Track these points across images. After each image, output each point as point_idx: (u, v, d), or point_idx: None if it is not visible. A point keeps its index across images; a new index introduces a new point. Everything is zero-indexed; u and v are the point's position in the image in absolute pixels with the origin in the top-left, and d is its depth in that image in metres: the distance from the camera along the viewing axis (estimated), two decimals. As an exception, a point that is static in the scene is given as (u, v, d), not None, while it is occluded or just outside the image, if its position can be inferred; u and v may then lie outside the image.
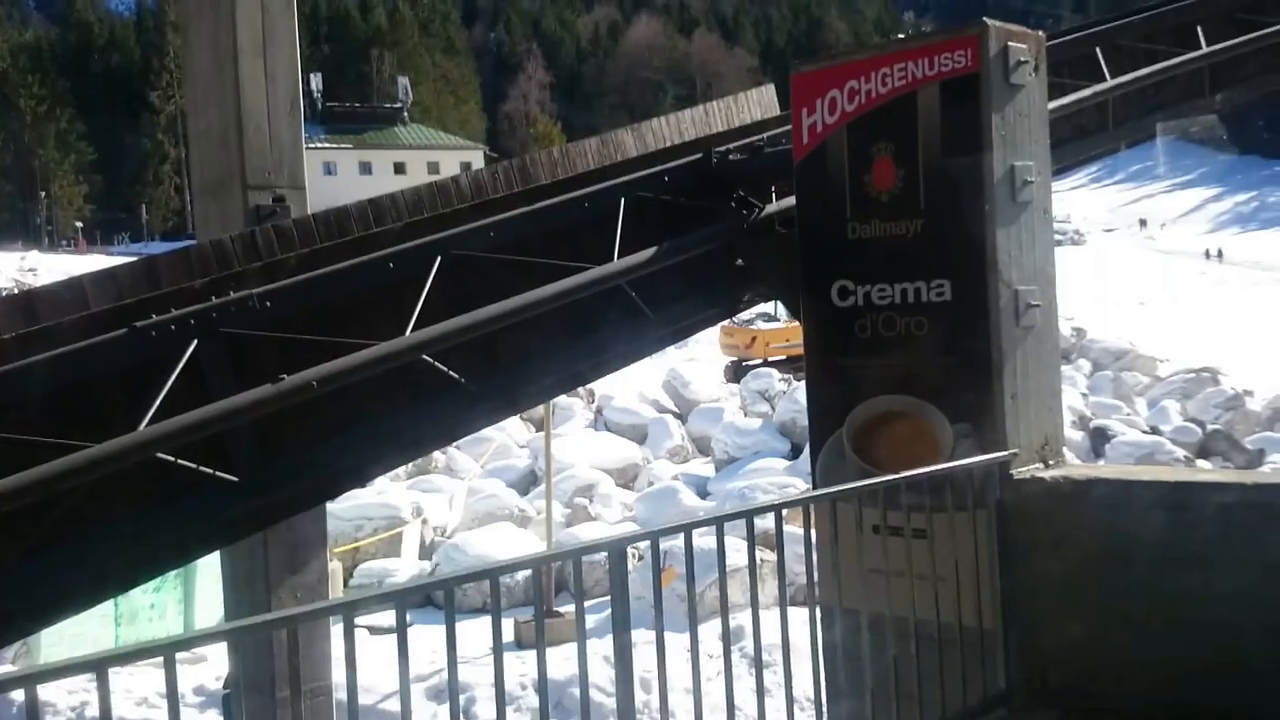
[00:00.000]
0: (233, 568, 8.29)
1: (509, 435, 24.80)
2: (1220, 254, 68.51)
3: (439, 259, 5.67)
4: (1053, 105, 6.80)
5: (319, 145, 63.24)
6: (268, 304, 5.32)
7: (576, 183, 6.68)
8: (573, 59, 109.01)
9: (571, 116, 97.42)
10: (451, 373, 5.74)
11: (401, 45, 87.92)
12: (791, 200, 6.48)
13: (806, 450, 8.77)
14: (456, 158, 69.45)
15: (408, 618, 3.18)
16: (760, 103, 8.60)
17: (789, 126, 6.35)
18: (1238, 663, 4.52)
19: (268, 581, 7.80)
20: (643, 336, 6.74)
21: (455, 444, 22.82)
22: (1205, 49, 8.77)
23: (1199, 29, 8.97)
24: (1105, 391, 28.67)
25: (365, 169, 66.08)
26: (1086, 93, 8.04)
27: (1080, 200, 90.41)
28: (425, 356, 5.48)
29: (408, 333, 5.34)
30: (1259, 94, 9.97)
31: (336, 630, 7.68)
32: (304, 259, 5.59)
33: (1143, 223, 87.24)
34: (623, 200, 6.53)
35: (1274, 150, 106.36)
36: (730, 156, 7.15)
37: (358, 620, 2.92)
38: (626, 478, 23.52)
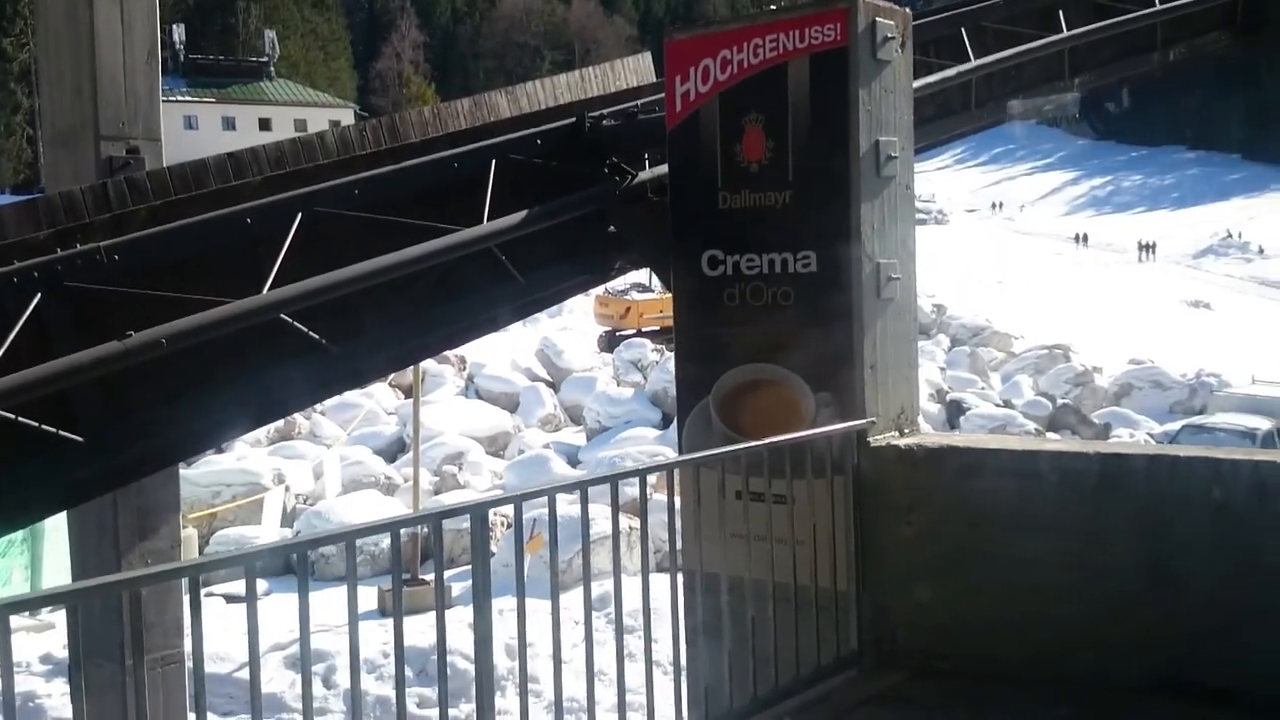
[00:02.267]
0: (80, 532, 7.97)
1: (376, 401, 24.42)
2: (1085, 238, 71.26)
3: (300, 216, 5.50)
4: (918, 83, 6.96)
5: (180, 99, 60.75)
6: (116, 257, 5.08)
7: (447, 142, 6.57)
8: (448, 19, 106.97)
9: (446, 78, 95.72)
10: (312, 334, 5.59)
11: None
12: (664, 168, 6.50)
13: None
14: (325, 115, 67.51)
15: (266, 585, 3.09)
16: (636, 70, 8.58)
17: (663, 94, 6.35)
18: (1062, 624, 4.74)
19: (117, 547, 7.52)
20: (512, 301, 6.68)
21: (320, 409, 22.36)
22: (1065, 33, 9.09)
23: (1060, 13, 9.29)
24: (962, 366, 29.72)
25: (229, 124, 63.68)
26: (950, 72, 8.25)
27: (945, 181, 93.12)
28: (284, 316, 5.32)
29: (265, 291, 5.17)
30: (1116, 79, 10.38)
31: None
32: (156, 211, 5.36)
33: (995, 205, 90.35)
34: (494, 162, 6.44)
35: (1129, 135, 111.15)
36: (604, 122, 7.11)
37: (215, 588, 2.83)
38: (497, 446, 23.41)
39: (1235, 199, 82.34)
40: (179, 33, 67.56)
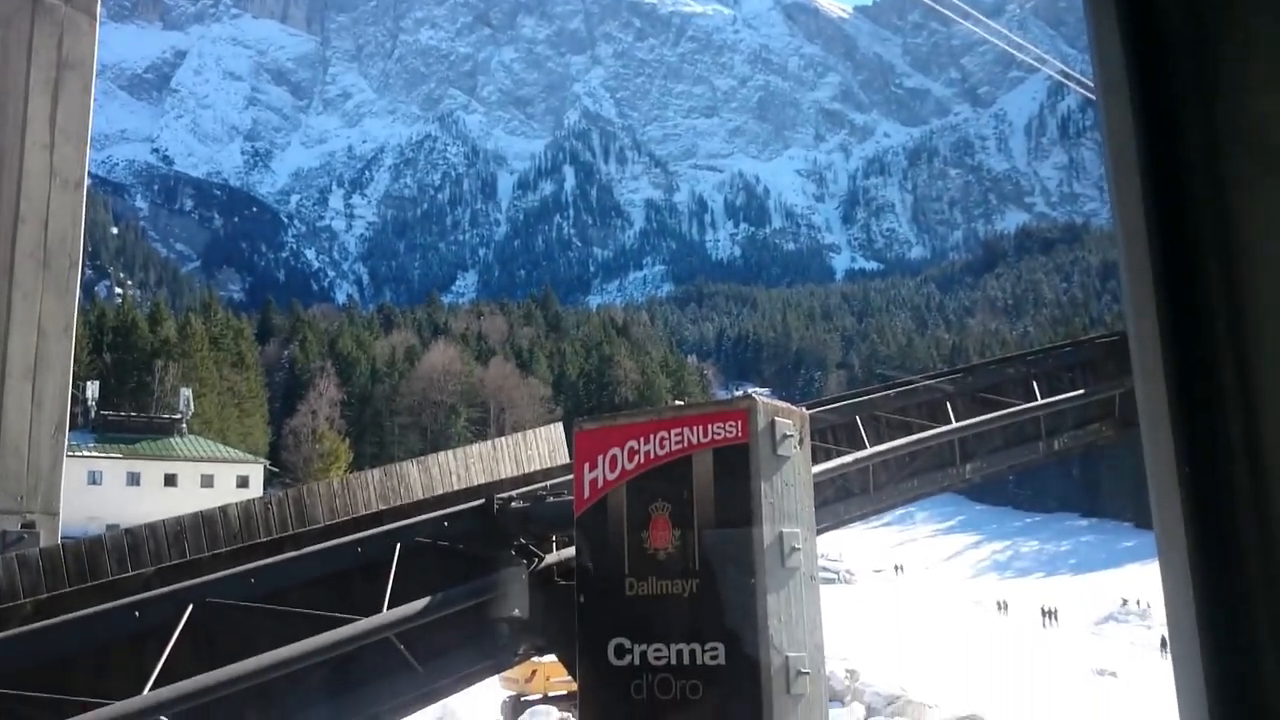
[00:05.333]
0: None
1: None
2: (1006, 605, 71.91)
3: (190, 608, 5.30)
4: (817, 470, 7.21)
5: (85, 454, 60.16)
6: (-7, 655, 4.79)
7: (352, 525, 6.51)
8: (366, 378, 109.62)
9: (361, 434, 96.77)
10: (192, 736, 5.23)
11: (189, 357, 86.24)
12: (572, 551, 6.50)
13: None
14: (233, 471, 67.16)
15: None
16: (548, 440, 8.76)
17: (572, 476, 6.46)
18: None
19: None
20: (412, 692, 6.39)
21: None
22: (954, 424, 9.60)
23: (949, 405, 9.85)
24: (879, 739, 28.87)
25: (133, 479, 62.71)
26: (847, 459, 8.58)
27: (850, 540, 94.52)
28: (164, 718, 4.99)
29: (146, 691, 4.87)
30: (1005, 466, 10.86)
31: None
32: (42, 605, 5.13)
33: (897, 568, 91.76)
34: (399, 545, 6.37)
35: (1024, 502, 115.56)
36: (513, 504, 7.16)
37: None
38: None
39: (1130, 565, 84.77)
40: (92, 390, 67.89)
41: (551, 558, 6.88)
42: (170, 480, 63.67)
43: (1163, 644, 55.96)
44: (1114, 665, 47.60)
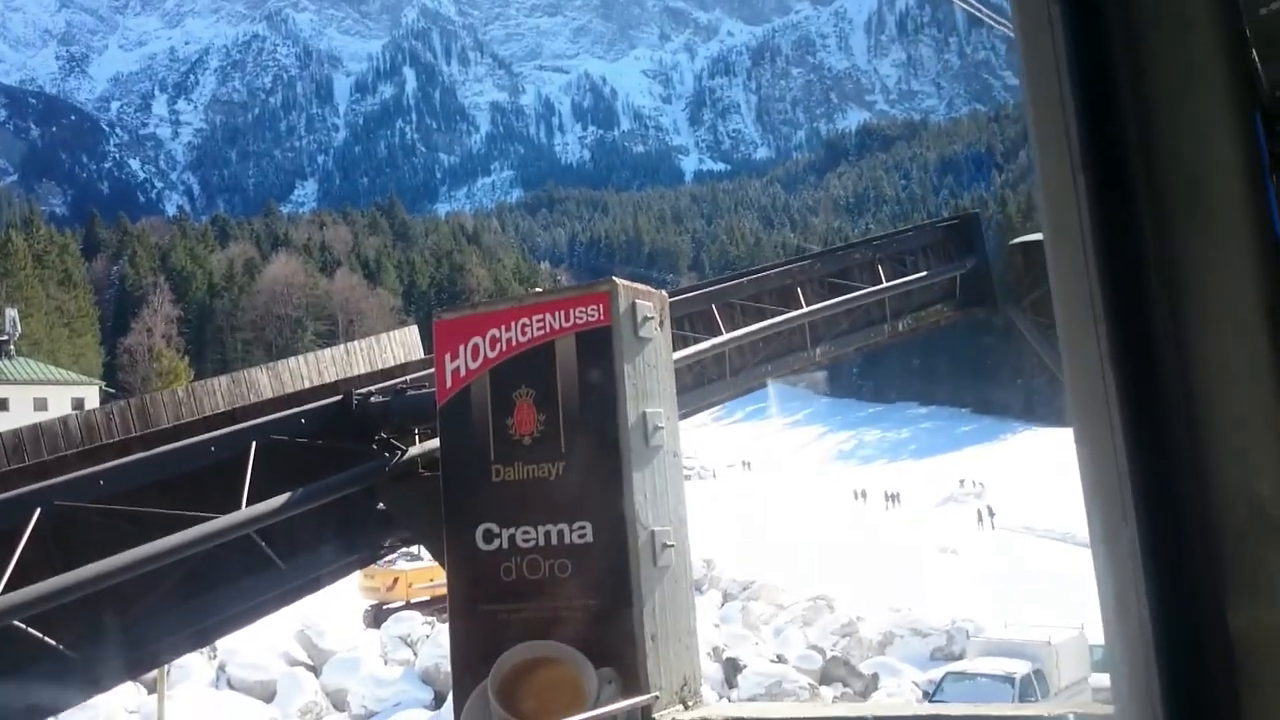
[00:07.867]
0: None
1: (117, 700, 22.19)
2: (865, 494, 74.82)
3: (38, 511, 5.08)
4: (676, 356, 7.30)
5: (-96, 379, 56.63)
6: None
7: (203, 425, 6.31)
8: (204, 293, 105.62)
9: (201, 352, 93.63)
10: (48, 639, 5.06)
11: (12, 276, 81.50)
12: (434, 443, 6.45)
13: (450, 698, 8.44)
14: (68, 393, 64.20)
15: None
16: (404, 343, 8.63)
17: (432, 370, 6.39)
18: None
19: None
20: (274, 589, 6.31)
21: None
22: (805, 309, 9.83)
23: (799, 291, 10.06)
24: (735, 621, 30.01)
25: (-39, 405, 59.56)
26: (704, 345, 8.72)
27: (708, 437, 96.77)
28: (18, 623, 4.81)
29: (-3, 595, 4.69)
30: (853, 348, 11.21)
31: None
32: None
33: (745, 464, 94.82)
34: (254, 444, 6.21)
35: (867, 394, 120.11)
36: (372, 398, 7.04)
37: None
38: (253, 743, 21.57)
39: (967, 449, 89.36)
40: (-88, 313, 63.71)
41: (414, 450, 6.81)
42: (1, 405, 60.48)
43: (979, 516, 60.32)
44: (955, 544, 50.27)
